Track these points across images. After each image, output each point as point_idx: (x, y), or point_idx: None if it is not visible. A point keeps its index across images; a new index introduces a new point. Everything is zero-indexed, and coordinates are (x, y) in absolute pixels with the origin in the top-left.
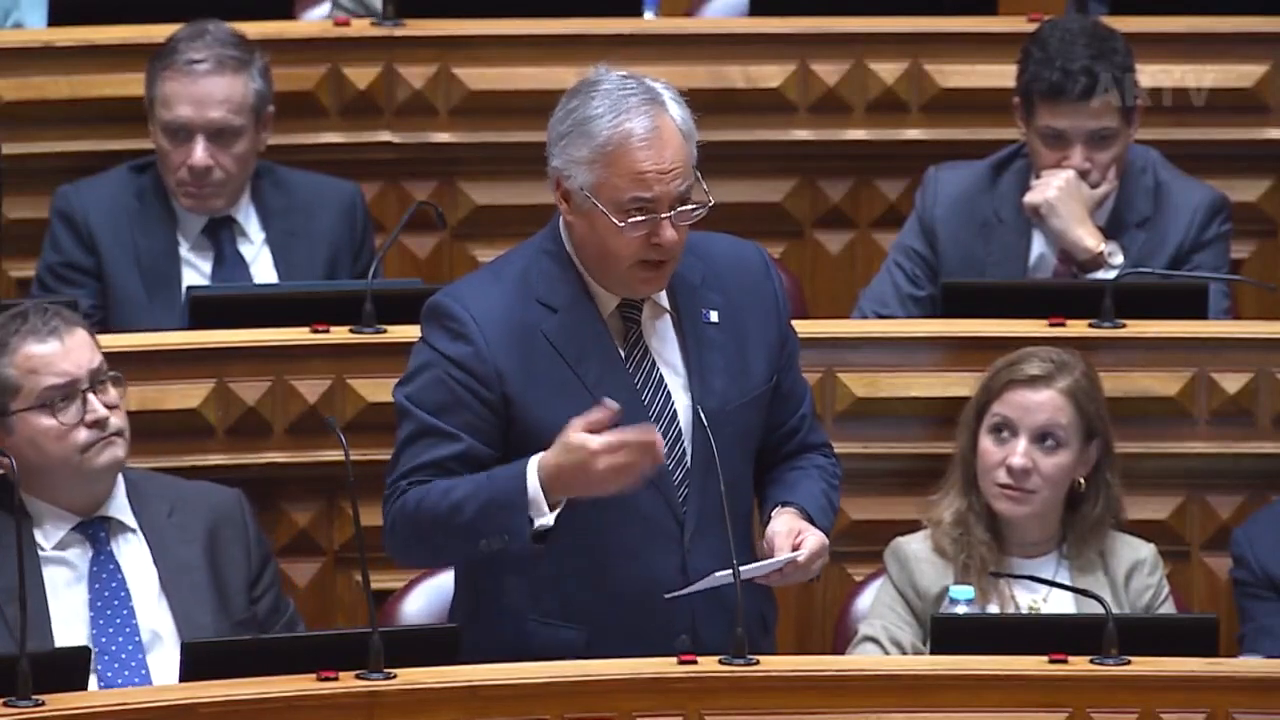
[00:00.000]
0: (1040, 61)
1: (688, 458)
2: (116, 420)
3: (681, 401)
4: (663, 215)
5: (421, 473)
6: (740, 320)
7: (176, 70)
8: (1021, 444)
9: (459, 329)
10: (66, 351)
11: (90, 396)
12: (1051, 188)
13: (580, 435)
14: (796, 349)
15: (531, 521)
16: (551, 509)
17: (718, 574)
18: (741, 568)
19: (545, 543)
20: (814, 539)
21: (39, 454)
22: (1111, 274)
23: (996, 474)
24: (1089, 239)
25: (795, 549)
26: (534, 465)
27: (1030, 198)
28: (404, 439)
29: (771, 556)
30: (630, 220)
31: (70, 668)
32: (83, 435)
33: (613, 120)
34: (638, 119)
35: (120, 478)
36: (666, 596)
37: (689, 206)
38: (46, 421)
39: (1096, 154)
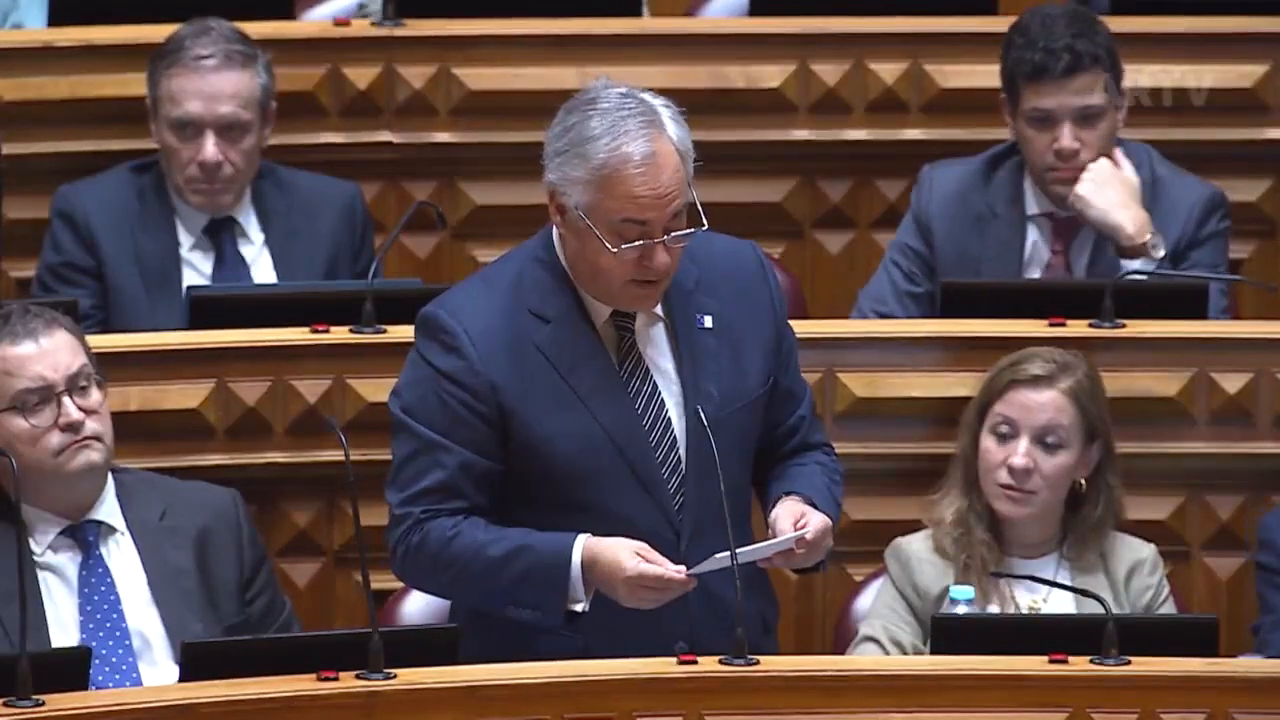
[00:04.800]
0: (1022, 46)
1: (683, 465)
2: (94, 424)
3: (676, 409)
4: (656, 240)
5: (431, 497)
6: (736, 324)
7: (184, 67)
8: (1023, 444)
9: (451, 342)
10: (42, 354)
11: (65, 400)
12: (1082, 180)
13: (633, 557)
14: (794, 348)
15: (566, 602)
16: (587, 593)
17: (718, 555)
18: (744, 549)
19: (574, 624)
20: (818, 519)
21: (17, 457)
22: (1150, 265)
23: (998, 474)
24: (1129, 225)
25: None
26: (579, 549)
27: (1070, 197)
28: (405, 455)
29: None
30: (624, 245)
31: (70, 668)
32: (55, 439)
33: (610, 143)
34: (635, 143)
35: (110, 480)
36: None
37: (683, 231)
38: (20, 424)
39: (1085, 132)
